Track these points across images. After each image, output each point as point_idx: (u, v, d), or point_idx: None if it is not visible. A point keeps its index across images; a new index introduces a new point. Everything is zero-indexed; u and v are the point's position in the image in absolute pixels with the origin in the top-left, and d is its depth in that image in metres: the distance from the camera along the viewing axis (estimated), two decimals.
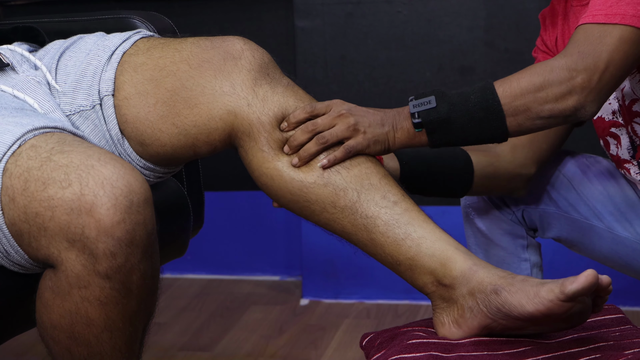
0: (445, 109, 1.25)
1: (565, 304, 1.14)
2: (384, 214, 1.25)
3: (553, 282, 1.15)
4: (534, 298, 1.16)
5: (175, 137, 1.30)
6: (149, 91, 1.30)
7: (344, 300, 2.39)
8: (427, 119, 1.26)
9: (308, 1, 2.31)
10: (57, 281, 1.11)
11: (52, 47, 1.39)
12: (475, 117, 1.25)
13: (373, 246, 1.26)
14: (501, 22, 2.24)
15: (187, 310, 2.38)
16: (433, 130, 1.26)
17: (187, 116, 1.29)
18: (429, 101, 1.26)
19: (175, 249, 1.56)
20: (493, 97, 1.25)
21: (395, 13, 2.28)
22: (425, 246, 1.24)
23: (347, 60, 2.32)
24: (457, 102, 1.26)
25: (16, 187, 1.10)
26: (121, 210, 1.07)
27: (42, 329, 1.16)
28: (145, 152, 1.33)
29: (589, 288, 1.12)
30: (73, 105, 1.32)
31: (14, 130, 1.15)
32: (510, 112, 1.25)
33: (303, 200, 1.28)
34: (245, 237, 2.54)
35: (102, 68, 1.32)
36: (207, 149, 1.32)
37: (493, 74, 2.26)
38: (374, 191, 1.26)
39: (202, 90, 1.29)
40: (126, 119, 1.31)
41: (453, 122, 1.25)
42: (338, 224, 1.27)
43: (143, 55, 1.33)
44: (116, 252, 1.08)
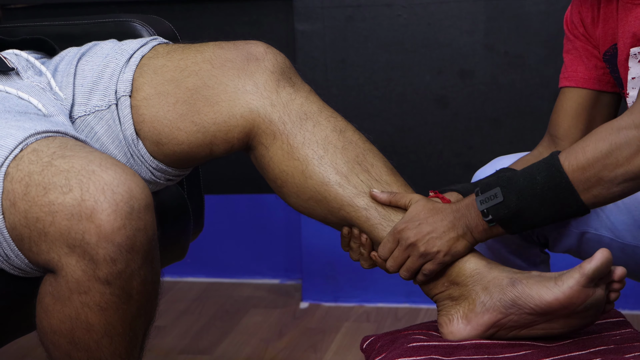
0: (513, 201, 1.20)
1: (585, 289, 1.16)
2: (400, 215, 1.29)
3: (570, 270, 1.19)
4: (553, 287, 1.18)
5: (193, 135, 1.31)
6: (169, 91, 1.32)
7: (344, 304, 2.39)
8: (498, 215, 1.22)
9: (308, 5, 2.31)
10: (58, 286, 1.11)
11: (68, 53, 1.39)
12: (546, 200, 1.19)
13: None
14: (501, 25, 2.24)
15: (186, 314, 2.37)
16: (507, 223, 1.22)
17: (207, 114, 1.31)
18: (495, 194, 1.21)
19: (175, 252, 1.56)
20: (560, 175, 1.18)
21: (395, 17, 2.28)
22: None
23: (347, 64, 2.32)
24: (524, 188, 1.20)
25: (17, 191, 1.11)
26: (122, 216, 1.07)
27: (42, 334, 1.16)
28: (160, 152, 1.33)
29: (607, 264, 1.16)
30: (88, 105, 1.33)
31: (16, 134, 1.15)
32: (581, 187, 1.18)
33: (322, 197, 1.30)
34: (245, 240, 2.54)
35: (120, 70, 1.33)
36: (224, 147, 1.32)
37: (493, 77, 2.27)
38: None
39: (225, 88, 1.31)
40: (144, 118, 1.32)
41: (525, 211, 1.20)
42: (355, 221, 1.30)
43: (163, 58, 1.34)
44: (116, 257, 1.08)
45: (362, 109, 2.33)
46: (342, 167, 1.30)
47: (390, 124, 2.33)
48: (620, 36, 1.37)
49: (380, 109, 2.33)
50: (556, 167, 1.19)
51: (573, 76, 1.46)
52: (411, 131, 2.32)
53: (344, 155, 1.30)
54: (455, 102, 2.29)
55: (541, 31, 2.22)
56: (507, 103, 2.27)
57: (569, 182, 1.18)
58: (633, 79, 1.37)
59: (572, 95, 1.46)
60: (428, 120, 2.31)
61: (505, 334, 1.24)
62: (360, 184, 1.30)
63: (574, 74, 1.46)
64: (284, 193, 1.33)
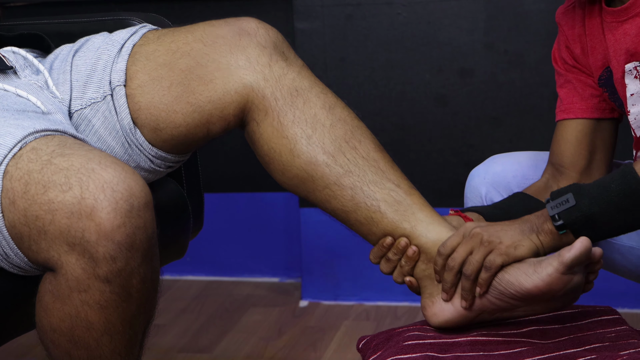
0: (586, 205, 1.18)
1: (564, 277, 1.16)
2: (386, 195, 1.28)
3: (550, 257, 1.18)
4: (532, 275, 1.18)
5: (190, 116, 1.31)
6: (163, 75, 1.32)
7: (344, 302, 2.39)
8: (569, 219, 1.19)
9: (308, 3, 2.31)
10: (57, 285, 1.11)
11: (62, 51, 1.39)
12: (621, 207, 1.18)
13: (369, 225, 1.29)
14: (501, 24, 2.24)
15: (186, 312, 2.37)
16: (579, 229, 1.20)
17: (202, 92, 1.31)
18: (567, 199, 1.19)
19: (174, 250, 1.55)
20: (637, 182, 1.17)
21: (395, 15, 2.28)
22: (420, 228, 1.27)
23: (346, 62, 2.32)
24: (597, 194, 1.18)
25: (17, 189, 1.10)
26: (121, 214, 1.07)
27: (41, 332, 1.16)
28: (158, 138, 1.33)
29: (586, 253, 1.15)
30: (84, 99, 1.33)
31: (15, 133, 1.15)
32: None
33: (307, 176, 1.29)
34: (244, 238, 2.54)
35: (112, 60, 1.33)
36: (220, 125, 1.32)
37: (493, 76, 2.27)
38: (380, 174, 1.29)
39: (217, 65, 1.31)
40: (140, 106, 1.32)
41: (598, 217, 1.18)
42: (338, 201, 1.29)
43: (154, 43, 1.34)
44: (116, 256, 1.08)
45: (362, 107, 2.32)
46: (330, 146, 1.29)
47: (390, 122, 2.33)
48: (613, 56, 1.37)
49: (380, 107, 2.33)
50: (632, 175, 1.18)
51: (570, 109, 1.46)
52: (411, 130, 2.32)
53: (332, 134, 1.30)
54: (455, 100, 2.29)
55: (541, 30, 2.22)
56: (506, 102, 2.27)
57: None
58: (632, 95, 1.37)
59: (571, 125, 1.46)
60: (428, 119, 2.31)
61: (487, 317, 1.24)
62: (347, 163, 1.29)
63: (571, 106, 1.46)
64: (270, 169, 1.33)
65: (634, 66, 1.35)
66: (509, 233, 1.22)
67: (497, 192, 1.52)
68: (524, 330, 1.26)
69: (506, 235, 1.22)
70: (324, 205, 1.31)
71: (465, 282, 1.22)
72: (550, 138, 1.50)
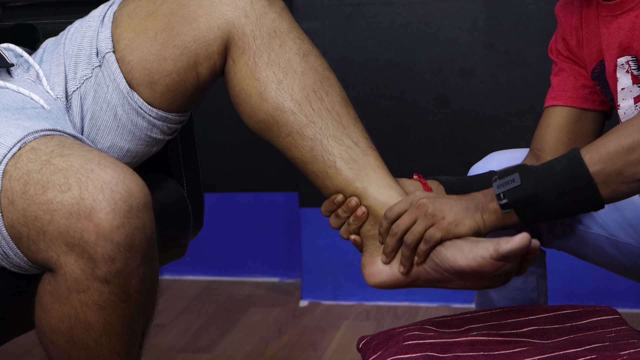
0: (531, 185, 1.20)
1: (497, 262, 1.19)
2: (343, 151, 1.29)
3: (488, 240, 1.20)
4: (468, 253, 1.20)
5: (178, 60, 1.31)
6: (148, 26, 1.32)
7: (344, 302, 2.39)
8: (513, 198, 1.20)
9: (308, 3, 2.31)
10: (56, 285, 1.11)
11: (47, 44, 1.39)
12: (565, 190, 1.19)
13: (323, 178, 1.31)
14: (501, 24, 2.24)
15: (186, 312, 2.37)
16: (522, 208, 1.21)
17: (187, 33, 1.31)
18: (513, 179, 1.21)
19: (174, 250, 1.55)
20: (581, 166, 1.18)
21: (395, 15, 2.28)
22: (372, 189, 1.29)
23: (347, 62, 2.32)
24: (542, 176, 1.20)
25: (16, 189, 1.10)
26: (120, 214, 1.07)
27: (41, 333, 1.16)
28: (155, 94, 1.33)
29: (522, 250, 1.17)
30: (76, 79, 1.33)
31: (15, 132, 1.14)
32: (601, 180, 1.18)
33: (273, 121, 1.30)
34: (244, 238, 2.54)
35: (96, 32, 1.33)
36: (207, 65, 1.32)
37: (493, 76, 2.26)
38: (341, 129, 1.30)
39: (199, 3, 1.31)
40: (132, 65, 1.32)
41: (541, 198, 1.19)
42: (298, 150, 1.30)
43: (134, 1, 1.35)
44: (115, 256, 1.08)
45: (362, 107, 2.32)
46: (298, 94, 1.30)
47: (390, 122, 2.33)
48: (606, 49, 1.38)
49: (380, 107, 2.33)
50: (577, 160, 1.19)
51: (560, 96, 1.47)
52: (411, 129, 2.32)
53: (302, 81, 1.30)
54: (455, 100, 2.29)
55: (541, 29, 2.22)
56: (506, 101, 2.27)
57: (590, 175, 1.18)
58: (623, 89, 1.38)
59: (557, 112, 1.47)
60: (428, 119, 2.31)
61: (422, 284, 1.27)
62: (311, 113, 1.30)
63: (561, 94, 1.47)
64: (240, 111, 1.34)
65: (626, 60, 1.35)
66: (454, 209, 1.24)
67: None
68: (524, 330, 1.26)
69: (451, 211, 1.24)
70: (286, 152, 1.32)
71: (405, 250, 1.25)
72: None
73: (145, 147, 1.38)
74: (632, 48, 1.34)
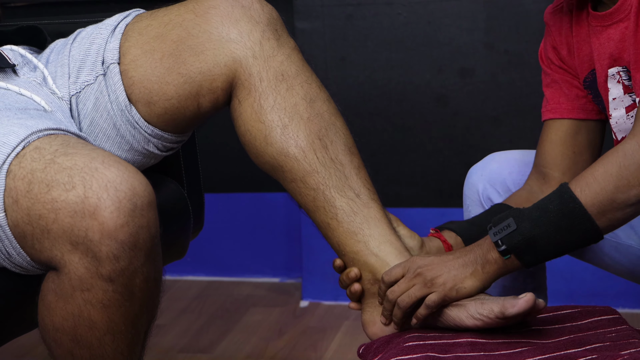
0: (527, 228, 1.19)
1: (502, 321, 1.21)
2: (345, 204, 1.29)
3: (493, 301, 1.21)
4: (474, 313, 1.22)
5: (181, 87, 1.31)
6: (155, 47, 1.32)
7: (344, 302, 2.38)
8: (512, 243, 1.20)
9: (308, 3, 2.31)
10: (60, 284, 1.11)
11: (56, 45, 1.39)
12: (561, 226, 1.19)
13: (325, 229, 1.32)
14: (501, 24, 2.24)
15: (186, 312, 2.37)
16: (522, 252, 1.21)
17: (193, 63, 1.31)
18: (508, 224, 1.21)
19: (175, 251, 1.55)
20: (573, 201, 1.18)
21: (395, 15, 2.28)
22: (372, 245, 1.29)
23: (347, 62, 2.32)
24: (537, 216, 1.19)
25: (20, 188, 1.10)
26: (125, 213, 1.07)
27: (44, 332, 1.16)
28: (152, 114, 1.33)
29: (527, 312, 1.19)
30: (77, 83, 1.33)
31: (18, 132, 1.14)
32: (596, 211, 1.18)
33: (278, 166, 1.31)
34: (245, 238, 2.54)
35: (105, 41, 1.33)
36: (209, 99, 1.32)
37: (493, 76, 2.27)
38: (343, 180, 1.30)
39: (209, 36, 1.30)
40: (133, 81, 1.32)
41: (540, 238, 1.19)
42: (302, 198, 1.31)
43: (147, 19, 1.35)
44: (119, 255, 1.08)
45: (362, 107, 2.33)
46: (303, 140, 1.30)
47: (390, 122, 2.33)
48: (597, 59, 1.38)
49: (380, 107, 2.33)
50: (568, 195, 1.19)
51: (556, 108, 1.46)
52: (411, 130, 2.32)
53: (307, 128, 1.30)
54: (455, 100, 2.29)
55: (541, 29, 2.21)
56: (507, 101, 2.28)
57: (583, 208, 1.18)
58: (614, 99, 1.38)
59: (557, 126, 1.47)
60: (428, 119, 2.31)
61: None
62: (315, 162, 1.30)
63: (557, 106, 1.46)
64: (247, 150, 1.34)
65: (616, 71, 1.35)
66: (452, 271, 1.24)
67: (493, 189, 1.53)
68: (525, 330, 1.26)
69: (449, 275, 1.24)
70: (293, 196, 1.33)
71: (397, 311, 1.27)
72: None
73: (142, 158, 1.38)
74: (622, 59, 1.34)
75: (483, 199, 1.55)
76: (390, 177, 2.34)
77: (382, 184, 2.32)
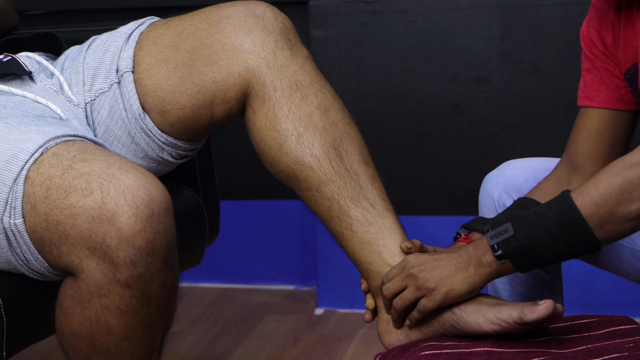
0: (524, 235, 1.19)
1: (520, 327, 1.20)
2: (360, 214, 1.29)
3: (511, 306, 1.21)
4: (491, 318, 1.21)
5: (194, 97, 1.32)
6: (169, 57, 1.32)
7: (359, 310, 2.38)
8: (508, 249, 1.20)
9: (323, 11, 2.31)
10: (78, 289, 1.11)
11: (71, 52, 1.40)
12: (559, 236, 1.18)
13: (340, 239, 1.32)
14: (516, 32, 2.24)
15: (202, 320, 2.38)
16: (517, 258, 1.20)
17: (207, 73, 1.31)
18: (506, 229, 1.20)
19: (190, 258, 1.56)
20: (573, 211, 1.17)
21: (411, 23, 2.29)
22: (386, 255, 1.29)
23: (362, 70, 2.32)
24: (535, 223, 1.18)
25: (38, 194, 1.11)
26: (142, 219, 1.08)
27: (61, 337, 1.16)
28: (166, 122, 1.33)
29: (546, 319, 1.19)
30: (92, 91, 1.34)
31: (37, 138, 1.15)
32: (595, 222, 1.17)
33: (293, 174, 1.31)
34: (260, 246, 2.54)
35: (120, 49, 1.34)
36: (223, 108, 1.33)
37: (509, 84, 2.26)
38: (358, 189, 1.30)
39: (222, 46, 1.31)
40: (147, 89, 1.32)
41: (536, 246, 1.18)
42: (317, 207, 1.31)
43: (161, 28, 1.35)
44: (136, 260, 1.08)
45: (377, 115, 2.33)
46: (318, 149, 1.30)
47: (406, 130, 2.33)
48: None
49: (395, 115, 2.33)
50: (569, 204, 1.18)
51: (595, 96, 1.44)
52: (426, 137, 2.32)
53: (322, 137, 1.30)
54: (470, 108, 2.29)
55: (557, 38, 2.22)
56: (522, 109, 2.27)
57: (583, 219, 1.17)
58: None
59: (594, 115, 1.44)
60: (443, 127, 2.31)
61: None
62: (330, 171, 1.30)
63: (596, 95, 1.44)
64: (261, 159, 1.34)
65: None
66: (443, 274, 1.23)
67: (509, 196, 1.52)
68: (541, 339, 1.25)
69: (440, 278, 1.23)
70: (307, 205, 1.33)
71: (394, 312, 1.28)
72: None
73: (157, 166, 1.38)
74: None
75: (499, 207, 1.55)
76: (405, 184, 2.34)
77: (397, 192, 2.32)
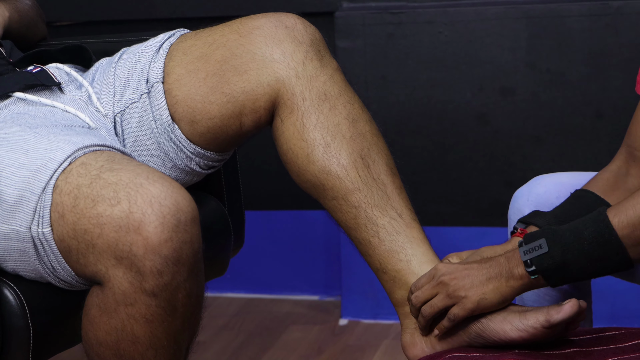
0: (559, 253, 1.18)
1: (548, 330, 1.19)
2: (387, 222, 1.29)
3: (536, 310, 1.20)
4: (518, 325, 1.21)
5: (224, 107, 1.32)
6: (199, 67, 1.33)
7: (383, 321, 2.38)
8: (542, 266, 1.19)
9: (349, 22, 2.32)
10: (104, 298, 1.12)
11: (101, 63, 1.42)
12: (593, 256, 1.18)
13: (366, 247, 1.31)
14: (543, 42, 2.23)
15: (226, 329, 2.38)
16: (550, 275, 1.20)
17: (237, 83, 1.32)
18: (540, 245, 1.19)
19: (215, 268, 1.56)
20: (609, 231, 1.17)
21: (437, 34, 2.28)
22: (414, 264, 1.29)
23: (387, 81, 2.32)
24: (570, 241, 1.18)
25: (66, 203, 1.12)
26: (169, 228, 1.08)
27: (87, 346, 1.17)
28: (195, 132, 1.34)
29: (573, 317, 1.18)
30: (122, 101, 1.35)
31: (65, 148, 1.16)
32: (630, 243, 1.16)
33: (319, 183, 1.31)
34: (284, 256, 2.54)
35: (150, 60, 1.35)
36: (252, 118, 1.33)
37: (534, 95, 2.25)
38: (385, 199, 1.30)
39: (252, 56, 1.32)
40: (177, 100, 1.33)
41: (570, 265, 1.18)
42: (343, 215, 1.31)
43: (191, 39, 1.36)
44: (163, 270, 1.09)
45: (403, 125, 2.32)
46: (345, 159, 1.30)
47: (431, 140, 2.33)
48: None
49: (421, 125, 2.32)
50: (605, 224, 1.17)
51: None
52: (452, 148, 2.32)
53: (350, 147, 1.31)
54: (496, 119, 2.28)
55: (583, 48, 2.21)
56: (548, 121, 2.26)
57: (619, 240, 1.17)
58: None
59: None
60: (469, 138, 2.30)
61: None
62: (357, 180, 1.30)
63: None
64: (288, 169, 1.35)
65: None
66: (475, 283, 1.22)
67: None
68: (567, 351, 1.24)
69: (472, 287, 1.22)
70: (332, 214, 1.33)
71: (421, 319, 1.27)
72: (593, 158, 1.48)
73: (185, 176, 1.39)
74: None
75: None
76: (430, 195, 2.34)
77: (422, 203, 2.31)
